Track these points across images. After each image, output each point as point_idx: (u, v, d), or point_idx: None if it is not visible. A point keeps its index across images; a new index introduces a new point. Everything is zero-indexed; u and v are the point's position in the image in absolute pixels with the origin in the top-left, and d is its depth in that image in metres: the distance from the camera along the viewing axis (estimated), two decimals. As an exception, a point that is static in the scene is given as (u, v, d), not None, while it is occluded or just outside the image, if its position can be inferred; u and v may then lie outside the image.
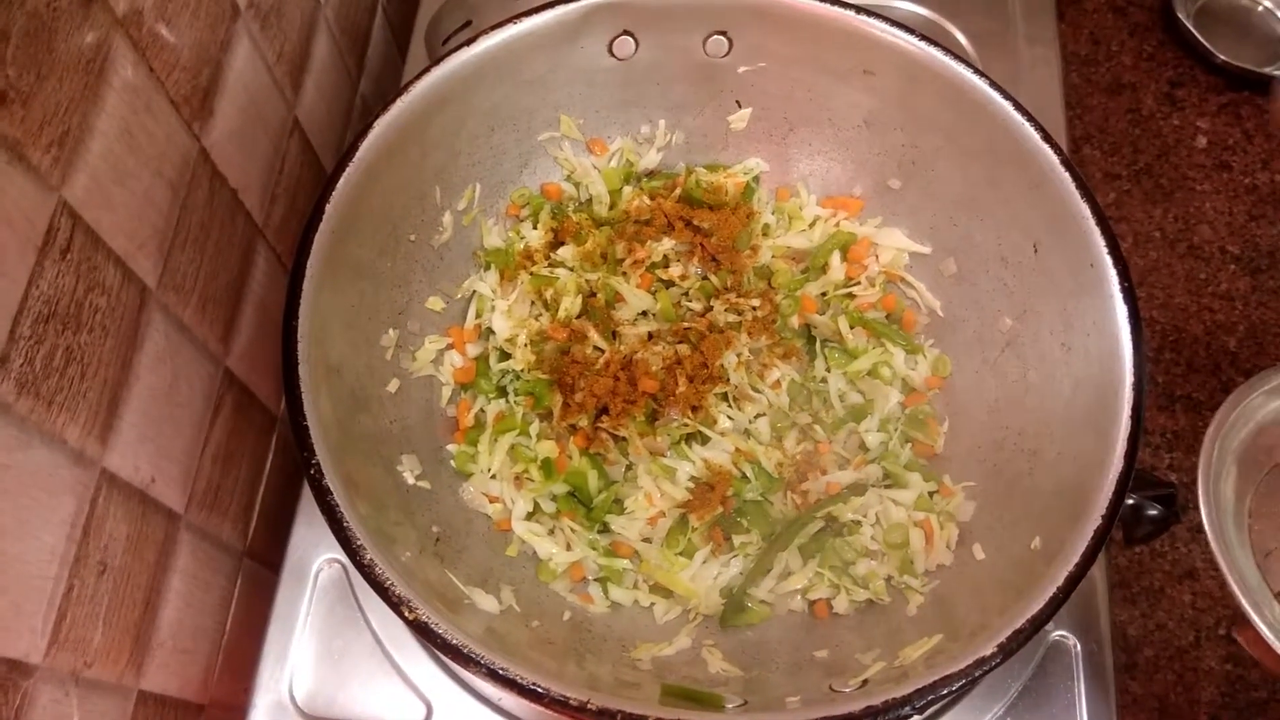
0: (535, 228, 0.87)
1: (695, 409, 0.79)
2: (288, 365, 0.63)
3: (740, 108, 0.88)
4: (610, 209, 0.88)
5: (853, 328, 0.84)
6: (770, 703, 0.63)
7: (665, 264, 0.84)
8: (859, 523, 0.76)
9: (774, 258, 0.87)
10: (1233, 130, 1.25)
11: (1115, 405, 0.64)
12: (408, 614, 0.57)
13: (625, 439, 0.78)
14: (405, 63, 1.03)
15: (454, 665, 0.68)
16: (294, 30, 0.84)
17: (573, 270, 0.84)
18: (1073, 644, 0.76)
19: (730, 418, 0.79)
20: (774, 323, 0.83)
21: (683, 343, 0.81)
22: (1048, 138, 0.72)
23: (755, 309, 0.82)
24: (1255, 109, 1.25)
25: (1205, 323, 1.14)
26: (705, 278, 0.84)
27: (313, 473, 0.60)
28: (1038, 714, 0.74)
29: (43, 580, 0.56)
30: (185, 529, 0.72)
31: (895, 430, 0.80)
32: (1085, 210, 0.69)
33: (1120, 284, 0.67)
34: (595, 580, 0.75)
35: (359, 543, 0.59)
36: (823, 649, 0.70)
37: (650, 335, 0.82)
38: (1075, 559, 0.59)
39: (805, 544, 0.75)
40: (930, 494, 0.77)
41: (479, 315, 0.83)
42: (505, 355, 0.82)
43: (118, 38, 0.59)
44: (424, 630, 0.57)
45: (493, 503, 0.77)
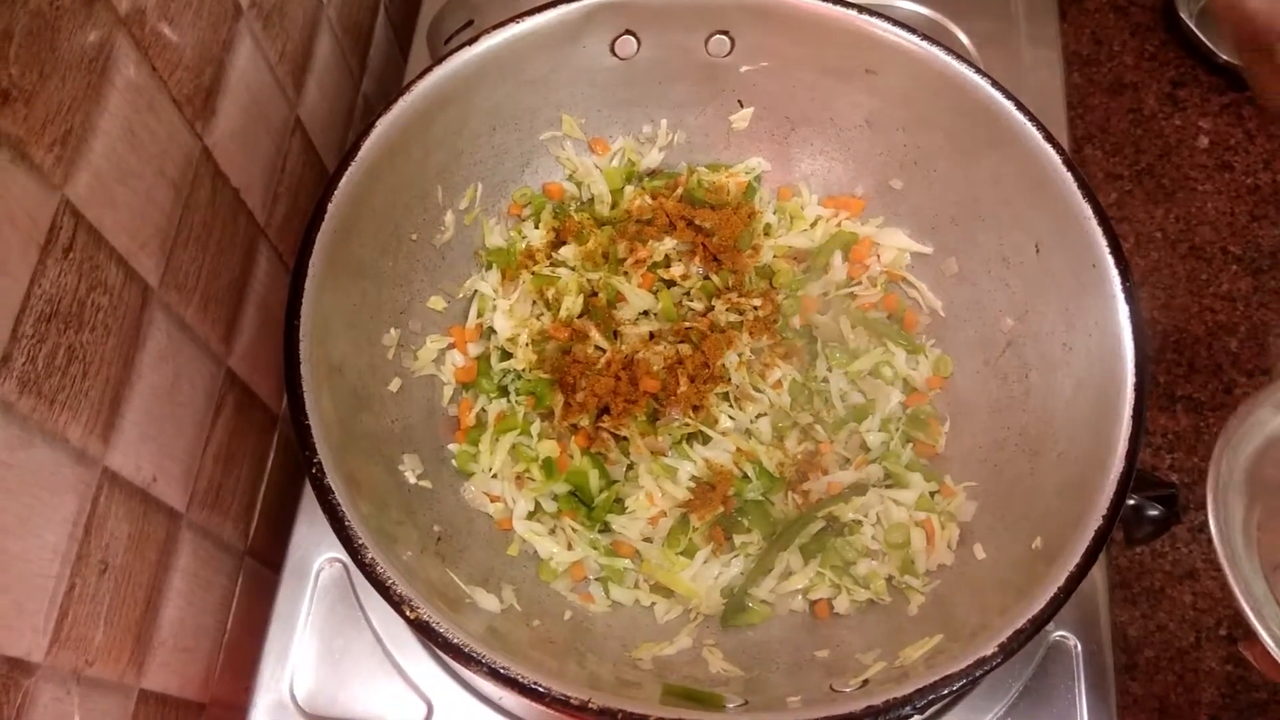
0: (537, 227, 0.87)
1: (696, 409, 0.79)
2: (289, 364, 0.63)
3: (742, 107, 0.88)
4: (612, 208, 0.88)
5: (854, 328, 0.84)
6: (771, 702, 0.63)
7: (667, 263, 0.84)
8: (860, 523, 0.76)
9: (775, 257, 0.87)
10: (1234, 130, 1.25)
11: (1116, 405, 0.64)
12: (409, 613, 0.57)
13: (626, 438, 0.78)
14: (407, 62, 1.03)
15: (455, 664, 0.67)
16: (296, 30, 0.84)
17: (574, 270, 0.84)
18: (1073, 644, 0.76)
19: (731, 417, 0.79)
20: (775, 322, 0.83)
21: (684, 342, 0.81)
22: (1050, 137, 0.72)
23: (757, 309, 0.82)
24: (1257, 109, 1.25)
25: (1207, 323, 1.14)
26: (707, 277, 0.84)
27: (314, 472, 0.60)
28: (1038, 714, 0.74)
29: (44, 579, 0.56)
30: (187, 528, 0.72)
31: (896, 430, 0.80)
32: (1087, 210, 0.69)
33: (1122, 284, 0.67)
34: (596, 580, 0.76)
35: (360, 542, 0.59)
36: (823, 649, 0.70)
37: (651, 335, 0.82)
38: (1076, 559, 0.59)
39: (806, 544, 0.75)
40: (931, 494, 0.77)
41: (480, 315, 0.83)
42: (507, 355, 0.82)
43: (120, 37, 0.59)
44: (425, 629, 0.57)
45: (494, 502, 0.77)
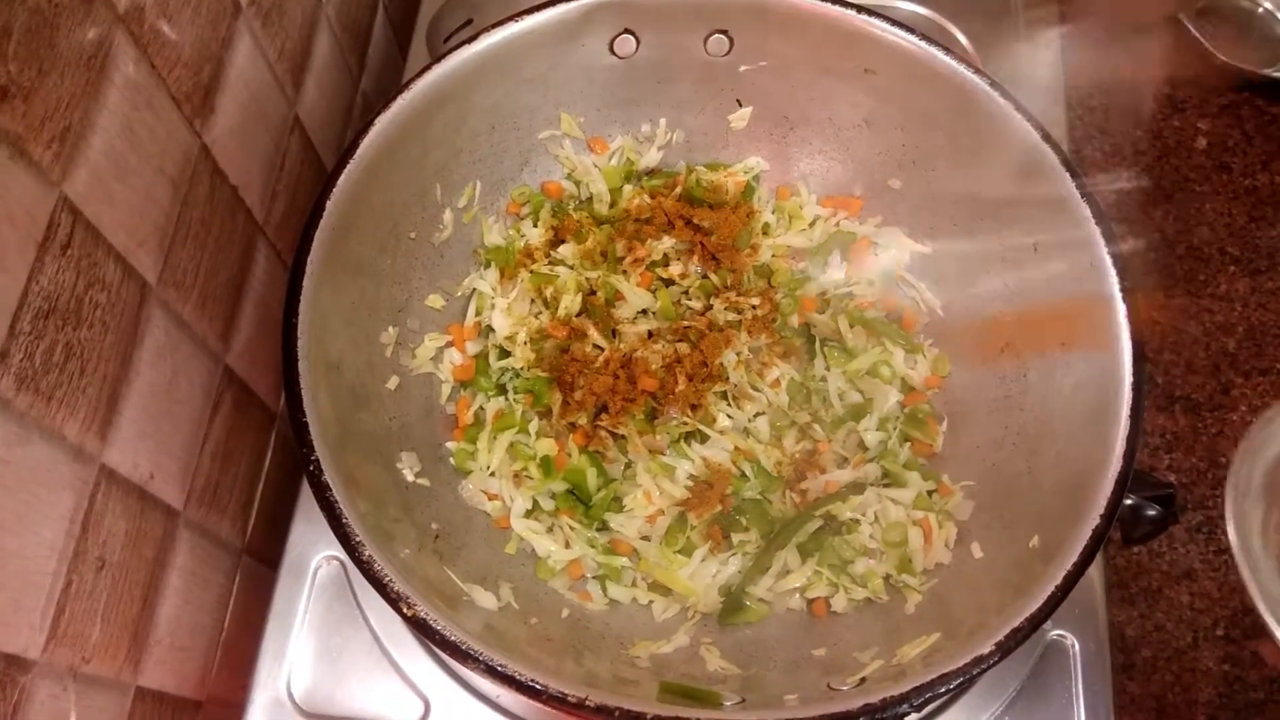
0: (535, 226, 0.87)
1: (694, 407, 0.79)
2: (287, 362, 0.63)
3: (741, 106, 0.88)
4: (610, 207, 0.88)
5: (852, 327, 0.84)
6: (768, 700, 0.63)
7: (665, 262, 0.84)
8: (858, 521, 0.76)
9: (774, 257, 0.87)
10: (1233, 131, 1.25)
11: (1114, 405, 0.64)
12: (406, 610, 0.57)
13: (624, 437, 0.78)
14: (406, 60, 1.03)
15: (452, 662, 0.68)
16: (295, 28, 0.84)
17: (573, 268, 0.84)
18: (1071, 643, 0.76)
19: (729, 416, 0.79)
20: (774, 321, 0.83)
21: (682, 341, 0.81)
22: (1048, 138, 0.72)
23: (755, 308, 0.82)
24: (1255, 110, 1.25)
25: (1204, 324, 1.14)
26: (705, 276, 0.84)
27: (312, 469, 0.60)
28: (1035, 713, 0.74)
29: (41, 576, 0.56)
30: (184, 525, 0.72)
31: (894, 429, 0.80)
32: (1085, 210, 0.69)
33: (1120, 284, 0.67)
34: (594, 578, 0.76)
35: (358, 539, 0.59)
36: (821, 647, 0.70)
37: (650, 334, 0.82)
38: (1073, 558, 0.59)
39: (804, 542, 0.75)
40: (929, 493, 0.77)
41: (479, 313, 0.84)
42: (505, 353, 0.82)
43: (119, 34, 0.59)
44: (422, 627, 0.57)
45: (492, 500, 0.77)
